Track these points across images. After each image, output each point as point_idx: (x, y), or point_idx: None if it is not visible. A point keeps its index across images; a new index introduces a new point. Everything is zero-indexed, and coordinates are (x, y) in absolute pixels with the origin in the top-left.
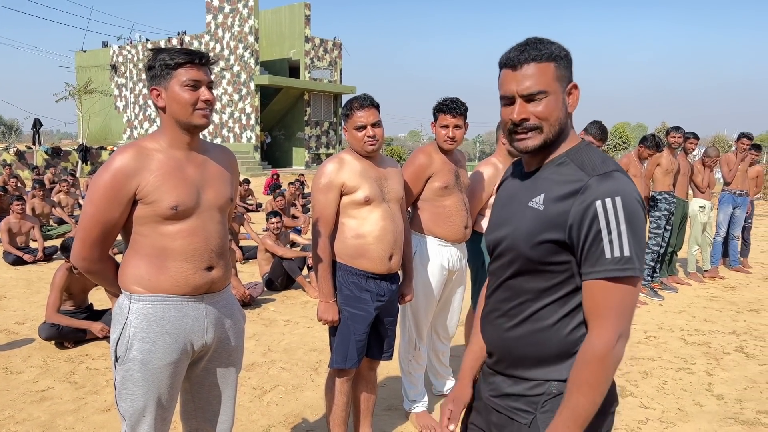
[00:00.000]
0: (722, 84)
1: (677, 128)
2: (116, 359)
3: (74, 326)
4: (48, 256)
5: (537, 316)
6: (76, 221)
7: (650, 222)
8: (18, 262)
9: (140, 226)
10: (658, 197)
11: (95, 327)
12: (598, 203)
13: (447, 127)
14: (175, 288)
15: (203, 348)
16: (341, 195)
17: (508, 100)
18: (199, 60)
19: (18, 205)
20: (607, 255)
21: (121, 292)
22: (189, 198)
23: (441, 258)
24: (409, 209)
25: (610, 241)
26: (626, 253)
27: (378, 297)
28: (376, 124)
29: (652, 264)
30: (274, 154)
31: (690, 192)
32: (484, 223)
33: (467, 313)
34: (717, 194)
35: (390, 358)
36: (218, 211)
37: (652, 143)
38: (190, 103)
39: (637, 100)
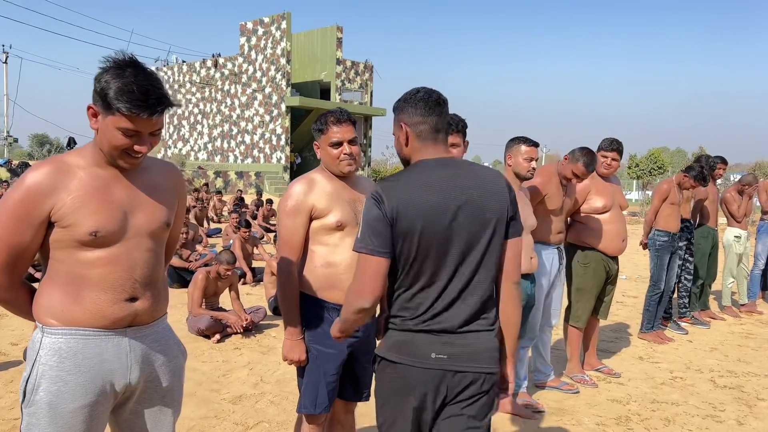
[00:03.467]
0: (764, 108)
1: (698, 159)
2: (23, 400)
3: None
4: None
5: None
6: None
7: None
8: (28, 278)
9: (56, 251)
10: (681, 225)
11: None
12: None
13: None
14: (91, 320)
15: (127, 389)
16: (311, 219)
17: None
18: (149, 114)
19: None
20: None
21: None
22: (112, 223)
23: None
24: None
25: (360, 227)
26: (358, 235)
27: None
28: (353, 141)
29: (671, 296)
30: None
31: (723, 220)
32: None
33: None
34: (756, 223)
35: (367, 398)
36: (149, 238)
37: (698, 176)
38: (120, 149)
39: (677, 125)
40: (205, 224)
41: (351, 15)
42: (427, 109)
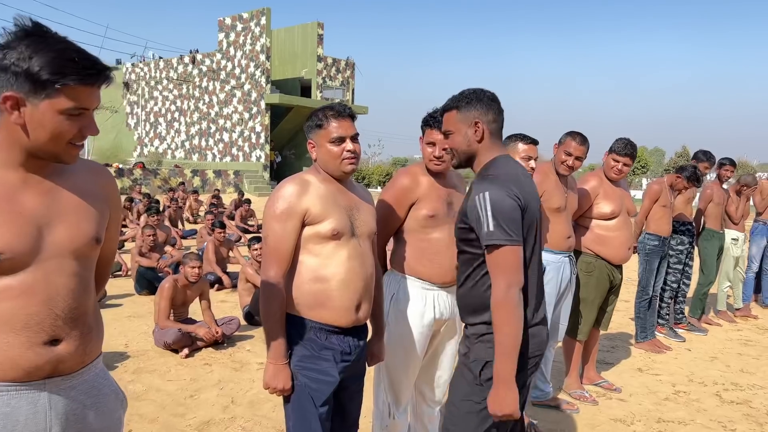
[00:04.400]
0: (740, 109)
1: (706, 153)
2: None
3: None
4: None
5: (469, 279)
6: None
7: (671, 256)
8: None
9: None
10: (681, 228)
11: None
12: (477, 197)
13: (434, 144)
14: None
15: None
16: (303, 225)
17: None
18: (104, 79)
19: None
20: (484, 230)
21: None
22: (21, 240)
23: (425, 304)
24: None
25: (485, 221)
26: (491, 228)
27: (343, 356)
28: (355, 138)
29: (669, 302)
30: (284, 174)
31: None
32: None
33: None
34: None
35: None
36: (73, 258)
37: (691, 176)
38: (67, 138)
39: (653, 124)
40: (180, 225)
41: (332, 11)
42: (498, 109)
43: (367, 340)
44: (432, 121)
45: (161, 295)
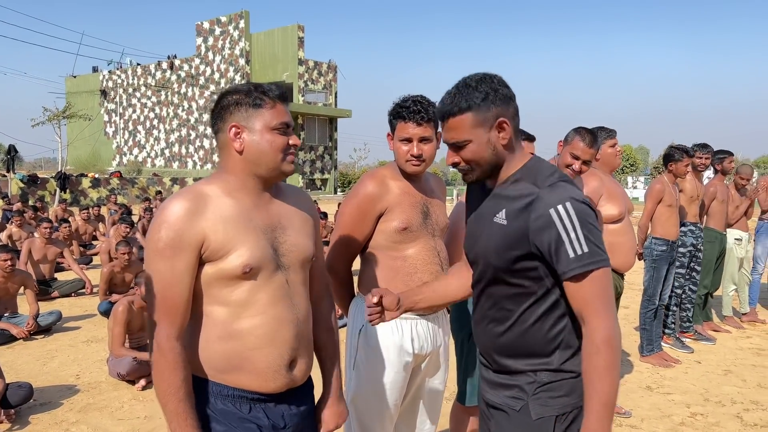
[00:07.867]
0: (724, 106)
1: (704, 146)
2: None
3: None
4: None
5: (521, 320)
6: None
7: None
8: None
9: None
10: (683, 229)
11: None
12: (552, 211)
13: (410, 140)
14: None
15: None
16: (201, 262)
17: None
18: None
19: None
20: (571, 255)
21: None
22: None
23: (402, 337)
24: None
25: (570, 242)
26: (585, 249)
27: (274, 431)
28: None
29: (675, 309)
30: None
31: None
32: None
33: (452, 408)
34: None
35: None
36: None
37: (680, 155)
38: None
39: (636, 122)
40: None
41: (313, 14)
42: (513, 96)
43: (316, 403)
44: (405, 112)
45: (115, 321)
